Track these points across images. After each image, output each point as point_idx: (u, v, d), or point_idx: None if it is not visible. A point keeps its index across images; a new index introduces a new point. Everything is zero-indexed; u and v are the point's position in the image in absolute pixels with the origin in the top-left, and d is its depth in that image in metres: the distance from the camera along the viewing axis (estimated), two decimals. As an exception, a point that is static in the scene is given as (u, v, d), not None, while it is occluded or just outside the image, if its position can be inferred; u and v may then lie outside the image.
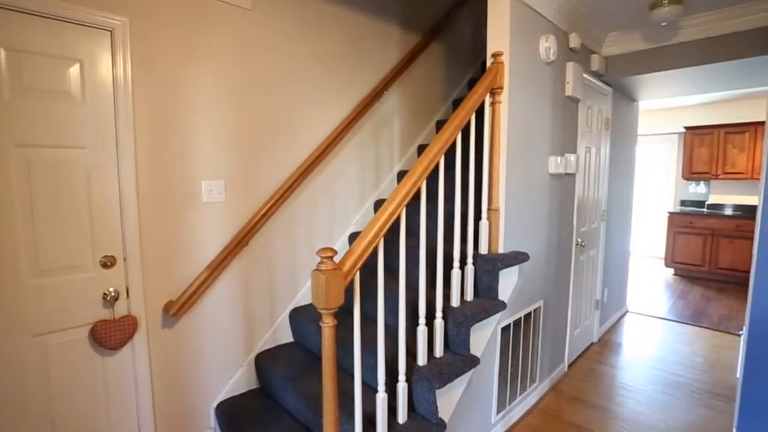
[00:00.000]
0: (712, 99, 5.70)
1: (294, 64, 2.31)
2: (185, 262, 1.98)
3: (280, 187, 2.26)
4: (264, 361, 2.17)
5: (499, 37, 2.03)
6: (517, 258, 1.98)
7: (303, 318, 2.25)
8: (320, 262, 1.26)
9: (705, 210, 5.95)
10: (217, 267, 2.03)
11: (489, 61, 2.02)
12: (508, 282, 2.03)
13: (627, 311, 4.30)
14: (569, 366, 3.07)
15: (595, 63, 2.98)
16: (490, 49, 2.05)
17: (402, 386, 1.57)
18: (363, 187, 2.76)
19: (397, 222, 1.54)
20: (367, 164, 2.78)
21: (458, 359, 1.72)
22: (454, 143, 1.79)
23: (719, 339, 3.64)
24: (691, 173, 6.01)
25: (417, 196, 2.48)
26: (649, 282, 5.56)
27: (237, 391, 2.19)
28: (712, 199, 6.03)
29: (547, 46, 2.28)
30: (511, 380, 2.30)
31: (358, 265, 1.35)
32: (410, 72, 3.03)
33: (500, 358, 2.13)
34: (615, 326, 3.92)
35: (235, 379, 2.18)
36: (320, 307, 1.26)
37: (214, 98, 2.01)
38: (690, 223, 5.76)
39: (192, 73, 1.93)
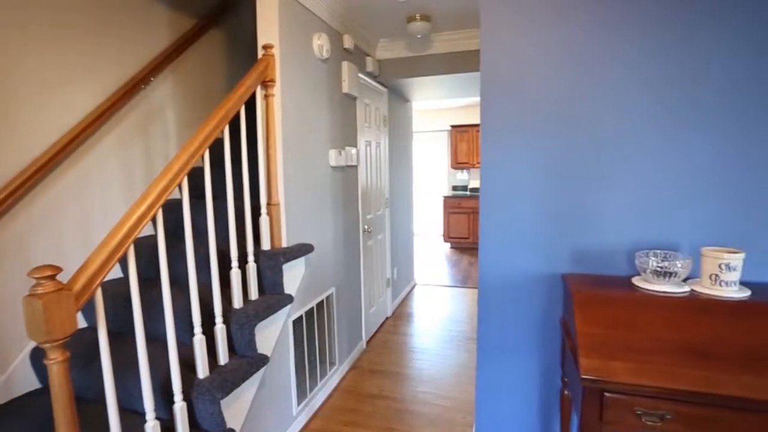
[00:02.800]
0: (468, 102, 7.03)
1: (16, 31, 1.78)
2: None
3: (-1, 193, 1.74)
4: (-9, 423, 1.65)
5: (268, 29, 2.01)
6: (301, 250, 2.03)
7: (50, 354, 1.80)
8: (34, 285, 1.00)
9: (468, 193, 7.35)
10: None
11: (260, 53, 1.98)
12: (294, 275, 2.06)
13: (415, 284, 4.97)
14: (367, 342, 3.36)
15: (370, 65, 3.28)
16: (261, 40, 2.01)
17: (179, 406, 1.42)
18: (132, 189, 2.36)
19: (156, 224, 1.35)
20: (136, 162, 2.40)
21: (245, 362, 1.66)
22: (228, 136, 1.69)
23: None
24: (457, 163, 7.32)
25: (199, 195, 2.27)
26: (432, 256, 6.56)
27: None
28: (472, 184, 7.49)
29: (320, 44, 2.37)
30: (311, 368, 2.36)
31: (99, 280, 1.13)
32: (186, 59, 2.74)
33: (295, 350, 2.16)
34: (406, 299, 4.49)
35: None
36: (41, 341, 1.01)
37: None
38: (458, 204, 7.04)
39: None
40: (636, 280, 1.47)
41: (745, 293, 1.33)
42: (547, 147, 1.66)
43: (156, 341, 1.73)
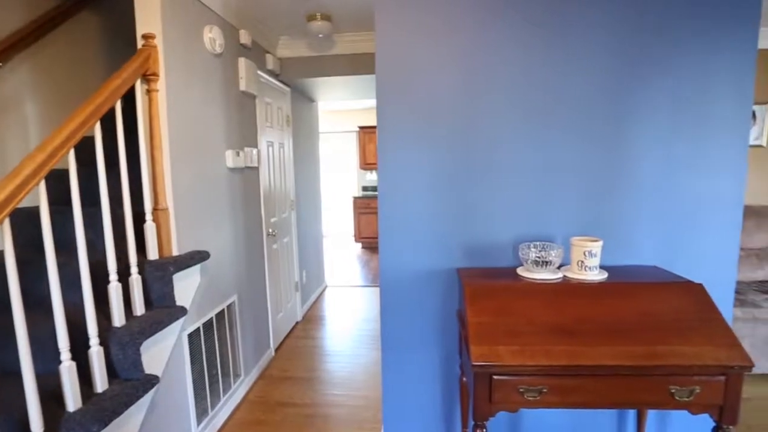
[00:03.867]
0: (376, 104, 7.16)
1: None
2: None
3: None
4: None
5: (149, 17, 1.83)
6: (194, 258, 1.88)
7: None
8: None
9: (377, 193, 7.49)
10: None
11: (140, 43, 1.79)
12: (188, 284, 1.91)
13: (326, 286, 4.93)
14: (276, 349, 3.25)
15: (270, 62, 3.16)
16: (140, 29, 1.82)
17: (42, 447, 1.22)
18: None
19: (3, 236, 1.15)
20: (-17, 162, 2.02)
21: (129, 386, 1.49)
22: (101, 135, 1.49)
23: (388, 293, 4.68)
24: (366, 164, 7.42)
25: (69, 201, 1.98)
26: (343, 257, 6.57)
27: None
28: (381, 184, 7.65)
29: (212, 37, 2.23)
30: (212, 383, 2.21)
31: None
32: (49, 44, 2.37)
33: (193, 365, 2.00)
34: (317, 302, 4.43)
35: None
36: None
37: None
38: (368, 205, 7.14)
39: None
40: (520, 270, 1.62)
41: (603, 275, 1.54)
42: (441, 148, 1.75)
43: (15, 376, 1.47)
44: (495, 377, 1.28)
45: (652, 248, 1.76)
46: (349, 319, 3.93)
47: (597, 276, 1.53)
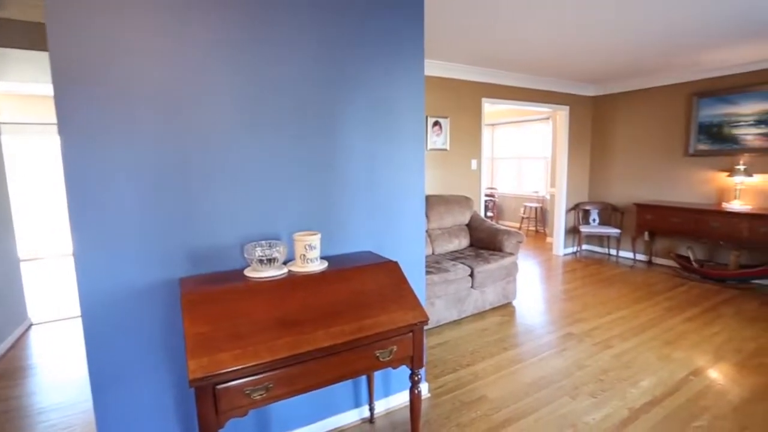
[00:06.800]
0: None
1: None
2: None
3: None
4: None
5: None
6: None
7: None
8: None
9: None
10: None
11: None
12: None
13: (31, 324, 3.78)
14: (-67, 432, 2.26)
15: None
16: None
17: None
18: None
19: None
20: None
21: None
22: None
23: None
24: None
25: None
26: (62, 282, 5.18)
27: None
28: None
29: None
30: None
31: None
32: None
33: None
34: (15, 348, 3.33)
35: None
36: None
37: None
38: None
39: None
40: (247, 271, 1.61)
41: (324, 265, 1.70)
42: (152, 150, 1.55)
43: None
44: (218, 387, 1.23)
45: (366, 235, 2.06)
46: (68, 359, 3.12)
47: (318, 266, 1.67)
